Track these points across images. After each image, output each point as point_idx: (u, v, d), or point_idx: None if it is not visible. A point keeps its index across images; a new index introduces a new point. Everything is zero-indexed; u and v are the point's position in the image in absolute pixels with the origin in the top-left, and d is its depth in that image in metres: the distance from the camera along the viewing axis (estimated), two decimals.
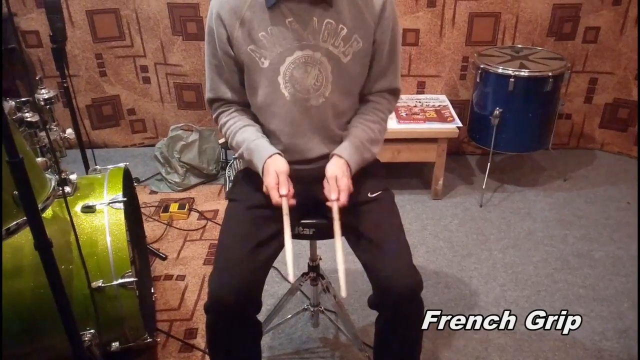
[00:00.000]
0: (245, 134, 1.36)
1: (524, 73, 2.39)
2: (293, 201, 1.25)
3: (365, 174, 1.45)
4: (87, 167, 2.23)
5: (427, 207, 2.59)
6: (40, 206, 1.26)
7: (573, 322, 1.75)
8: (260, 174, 1.31)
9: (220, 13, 1.28)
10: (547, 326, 1.84)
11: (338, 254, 1.17)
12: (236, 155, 1.40)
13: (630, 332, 1.84)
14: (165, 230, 2.44)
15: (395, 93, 1.45)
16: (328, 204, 1.25)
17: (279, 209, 1.24)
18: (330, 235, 1.46)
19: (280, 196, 1.23)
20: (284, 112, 1.35)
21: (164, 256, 2.26)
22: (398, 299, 1.26)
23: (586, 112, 3.03)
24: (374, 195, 1.40)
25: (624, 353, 1.76)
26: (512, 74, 2.39)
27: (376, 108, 1.42)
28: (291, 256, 1.15)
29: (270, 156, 1.30)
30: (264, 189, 1.27)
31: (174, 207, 2.53)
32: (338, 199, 1.24)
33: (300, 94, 1.33)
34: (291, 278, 1.12)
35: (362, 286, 1.94)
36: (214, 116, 1.44)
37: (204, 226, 2.47)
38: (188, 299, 2.03)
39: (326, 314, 1.82)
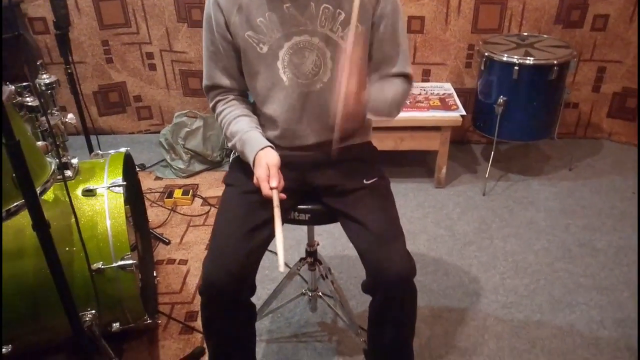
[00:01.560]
0: (239, 125, 1.36)
1: (529, 61, 2.37)
2: (283, 195, 1.24)
3: (361, 161, 1.46)
4: (91, 152, 2.26)
5: (429, 196, 2.59)
6: (39, 189, 1.29)
7: (571, 311, 1.75)
8: (252, 166, 1.31)
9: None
10: (545, 314, 1.86)
11: None
12: (229, 145, 1.40)
13: (629, 321, 1.84)
14: (169, 216, 2.47)
15: (407, 79, 1.39)
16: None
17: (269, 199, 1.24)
18: (325, 221, 1.48)
19: (271, 188, 1.23)
20: (282, 96, 1.36)
21: (167, 241, 2.29)
22: (391, 284, 1.28)
23: (594, 102, 2.99)
24: (369, 182, 1.41)
25: (621, 342, 1.76)
26: (517, 62, 2.37)
27: (392, 82, 1.37)
28: (282, 247, 1.13)
29: (262, 148, 1.30)
30: (255, 180, 1.27)
31: (178, 193, 2.56)
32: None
33: (299, 79, 1.33)
34: (281, 268, 1.11)
35: (362, 272, 1.95)
36: (210, 105, 1.44)
37: (207, 212, 2.50)
38: (190, 282, 2.06)
39: (324, 299, 1.84)
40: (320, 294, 1.81)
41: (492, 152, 2.60)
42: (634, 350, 1.72)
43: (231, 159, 1.54)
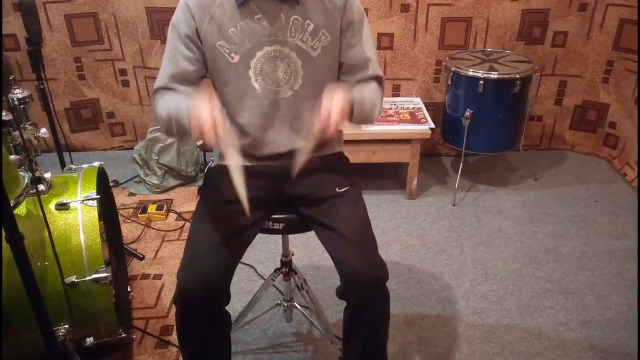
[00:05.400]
0: (176, 99, 1.31)
1: (493, 75, 2.47)
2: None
3: (333, 170, 1.50)
4: (63, 169, 2.25)
5: (402, 207, 2.65)
6: (12, 202, 1.29)
7: (539, 315, 1.81)
8: (187, 124, 1.21)
9: (190, 5, 1.32)
10: (513, 318, 1.91)
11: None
12: (162, 117, 1.31)
13: (593, 322, 1.91)
14: (143, 231, 2.46)
15: (379, 81, 1.45)
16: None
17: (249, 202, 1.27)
18: (299, 230, 1.51)
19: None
20: (254, 104, 1.39)
21: (141, 256, 2.28)
22: (364, 288, 1.31)
23: (557, 114, 3.12)
24: (341, 190, 1.45)
25: (586, 342, 1.82)
26: (482, 76, 2.47)
27: (368, 84, 1.41)
28: (244, 191, 1.17)
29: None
30: (195, 130, 1.15)
31: (152, 208, 2.56)
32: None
33: (270, 87, 1.38)
34: (247, 212, 1.15)
35: (337, 282, 1.97)
36: (154, 95, 1.38)
37: (182, 227, 2.50)
38: (164, 297, 2.06)
39: (299, 309, 1.85)
40: (295, 304, 1.83)
41: (461, 164, 2.68)
42: (598, 350, 1.79)
43: (206, 169, 1.56)
